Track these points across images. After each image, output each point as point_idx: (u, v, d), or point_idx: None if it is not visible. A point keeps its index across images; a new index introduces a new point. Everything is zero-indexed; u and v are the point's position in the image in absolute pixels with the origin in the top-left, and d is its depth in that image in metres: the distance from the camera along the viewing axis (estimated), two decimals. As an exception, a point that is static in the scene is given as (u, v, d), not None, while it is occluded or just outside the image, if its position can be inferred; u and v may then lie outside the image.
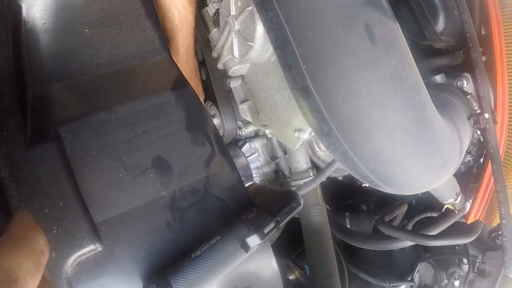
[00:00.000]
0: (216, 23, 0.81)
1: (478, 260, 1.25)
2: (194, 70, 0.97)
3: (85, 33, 0.69)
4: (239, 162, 1.02)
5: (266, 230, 0.60)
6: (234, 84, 0.93)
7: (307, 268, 1.14)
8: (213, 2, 0.82)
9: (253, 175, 1.05)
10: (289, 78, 0.52)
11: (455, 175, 0.95)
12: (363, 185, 1.48)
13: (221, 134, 1.05)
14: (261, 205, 0.66)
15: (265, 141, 1.07)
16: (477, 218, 0.99)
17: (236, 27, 0.72)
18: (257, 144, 1.06)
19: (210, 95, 1.12)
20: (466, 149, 0.81)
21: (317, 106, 0.50)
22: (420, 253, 1.40)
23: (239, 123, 1.04)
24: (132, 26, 0.73)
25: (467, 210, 1.01)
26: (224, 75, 0.95)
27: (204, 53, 1.07)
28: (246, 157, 1.04)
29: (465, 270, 1.27)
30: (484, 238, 1.23)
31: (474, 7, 0.84)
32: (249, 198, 0.71)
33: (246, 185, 0.99)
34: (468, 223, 1.02)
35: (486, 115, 0.81)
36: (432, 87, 0.86)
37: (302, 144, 0.87)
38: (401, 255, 1.45)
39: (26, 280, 0.36)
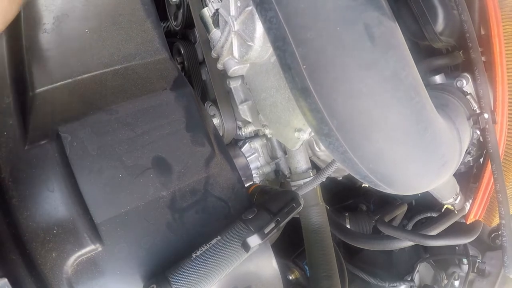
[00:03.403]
0: (216, 23, 0.81)
1: (478, 260, 1.25)
2: None
3: (85, 33, 0.69)
4: (239, 162, 1.02)
5: (266, 230, 0.60)
6: (234, 84, 0.93)
7: (307, 268, 1.14)
8: (213, 2, 0.82)
9: (253, 175, 1.05)
10: (288, 78, 0.52)
11: (455, 175, 0.95)
12: (363, 185, 1.48)
13: (221, 134, 1.05)
14: (261, 205, 0.66)
15: (265, 141, 1.07)
16: (476, 218, 0.99)
17: (236, 27, 0.72)
18: (257, 144, 1.06)
19: (210, 95, 1.12)
20: (465, 149, 0.81)
21: (317, 106, 0.50)
22: (420, 253, 1.41)
23: (239, 123, 1.04)
24: (132, 26, 0.73)
25: (467, 210, 1.01)
26: (224, 75, 0.95)
27: (204, 53, 1.07)
28: (246, 157, 1.04)
29: (465, 270, 1.27)
30: (484, 238, 1.23)
31: (474, 7, 0.84)
32: (249, 198, 0.71)
33: (246, 185, 0.99)
34: (467, 223, 1.02)
35: (486, 115, 0.81)
36: (432, 87, 0.86)
37: (302, 144, 0.87)
38: (401, 255, 1.45)
39: None
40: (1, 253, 0.56)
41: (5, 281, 0.49)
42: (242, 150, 1.05)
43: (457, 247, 1.32)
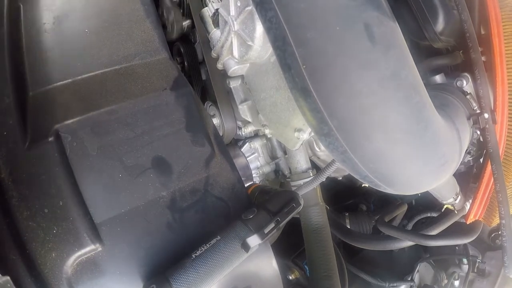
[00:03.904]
0: (216, 23, 0.81)
1: (478, 260, 1.25)
2: None
3: (85, 33, 0.69)
4: (239, 162, 1.02)
5: (266, 230, 0.60)
6: (233, 84, 0.93)
7: (307, 268, 1.14)
8: (213, 2, 0.82)
9: (253, 175, 1.05)
10: (288, 78, 0.52)
11: (455, 175, 0.95)
12: (363, 185, 1.48)
13: (220, 134, 1.05)
14: (261, 205, 0.66)
15: (265, 141, 1.07)
16: (476, 218, 0.99)
17: (236, 27, 0.72)
18: (257, 144, 1.06)
19: (210, 95, 1.12)
20: (465, 149, 0.81)
21: (317, 106, 0.50)
22: (420, 253, 1.41)
23: (239, 123, 1.04)
24: (131, 26, 0.73)
25: (467, 210, 1.01)
26: (224, 75, 0.95)
27: (204, 53, 1.07)
28: (246, 157, 1.04)
29: (465, 270, 1.27)
30: (484, 238, 1.23)
31: (474, 7, 0.84)
32: (249, 198, 0.71)
33: (246, 185, 0.99)
34: (467, 223, 1.02)
35: (486, 115, 0.81)
36: (432, 87, 0.86)
37: (301, 144, 0.87)
38: (401, 255, 1.45)
39: None
40: (1, 253, 0.56)
41: (7, 278, 0.49)
42: (242, 150, 1.05)
43: (457, 247, 1.32)
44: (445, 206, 1.07)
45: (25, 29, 0.66)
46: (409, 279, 1.33)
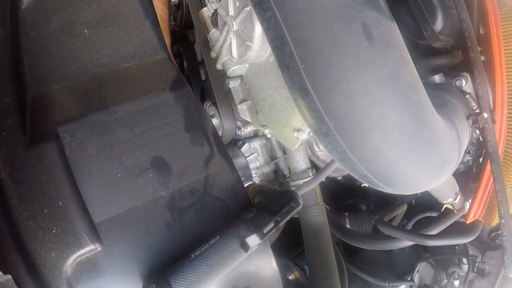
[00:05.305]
0: (215, 24, 0.81)
1: (477, 259, 1.24)
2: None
3: (84, 34, 0.69)
4: (238, 162, 1.02)
5: (265, 230, 0.60)
6: (233, 84, 0.93)
7: (307, 268, 1.14)
8: (212, 3, 0.82)
9: (253, 175, 1.05)
10: (287, 78, 0.52)
11: (454, 174, 0.95)
12: (362, 185, 1.48)
13: (220, 134, 1.05)
14: (260, 205, 0.66)
15: (264, 141, 1.07)
16: (476, 218, 0.99)
17: (235, 27, 0.73)
18: (256, 144, 1.06)
19: (209, 95, 1.12)
20: (465, 149, 0.81)
21: (315, 106, 0.50)
22: (419, 253, 1.40)
23: (238, 123, 1.04)
24: (130, 27, 0.73)
25: (467, 210, 1.01)
26: (223, 75, 0.95)
27: (203, 53, 1.07)
28: (245, 157, 1.04)
29: (465, 270, 1.27)
30: (484, 238, 1.23)
31: (472, 6, 0.84)
32: (248, 198, 0.71)
33: (246, 185, 0.99)
34: (467, 222, 1.02)
35: (485, 115, 0.80)
36: (431, 87, 0.86)
37: (301, 144, 0.87)
38: (401, 255, 1.44)
39: None
40: (0, 253, 0.56)
41: (9, 277, 0.49)
42: (241, 150, 1.05)
43: (457, 247, 1.31)
44: (444, 206, 1.07)
45: (24, 30, 0.66)
46: (409, 278, 1.33)
